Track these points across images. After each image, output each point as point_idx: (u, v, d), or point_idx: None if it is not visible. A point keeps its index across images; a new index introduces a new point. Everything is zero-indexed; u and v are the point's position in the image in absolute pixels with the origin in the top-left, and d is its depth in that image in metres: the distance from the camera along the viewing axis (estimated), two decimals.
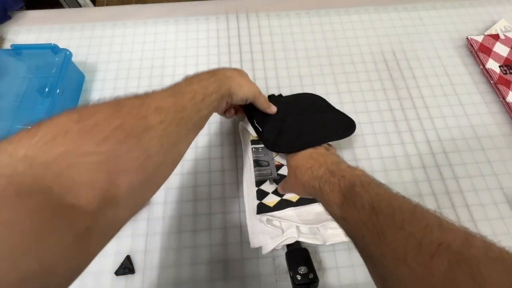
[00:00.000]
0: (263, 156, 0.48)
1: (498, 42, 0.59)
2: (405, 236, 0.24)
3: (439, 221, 0.24)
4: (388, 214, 0.26)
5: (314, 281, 0.38)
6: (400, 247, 0.24)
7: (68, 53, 0.53)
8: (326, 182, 0.34)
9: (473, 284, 0.19)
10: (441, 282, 0.21)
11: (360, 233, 0.28)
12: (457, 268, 0.20)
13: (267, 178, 0.46)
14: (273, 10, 0.67)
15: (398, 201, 0.28)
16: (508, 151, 0.51)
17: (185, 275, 0.43)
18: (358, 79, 0.58)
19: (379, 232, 0.26)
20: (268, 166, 0.47)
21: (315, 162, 0.38)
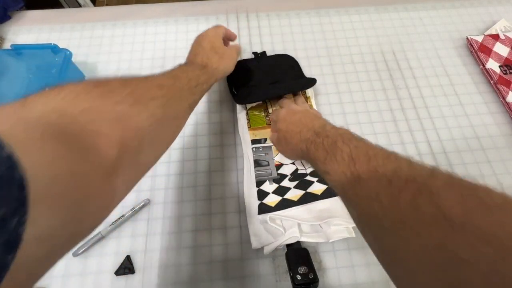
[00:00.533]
0: (264, 156, 0.48)
1: (498, 42, 0.59)
2: (377, 177, 0.26)
3: (409, 161, 0.27)
4: (364, 161, 0.29)
5: (314, 281, 0.38)
6: (373, 187, 0.26)
7: (68, 53, 0.53)
8: (312, 143, 0.37)
9: (431, 205, 0.21)
10: (406, 209, 0.23)
11: (340, 182, 0.30)
12: (419, 196, 0.23)
13: (267, 178, 0.46)
14: (273, 10, 0.67)
15: (375, 150, 0.30)
16: (508, 151, 0.51)
17: (185, 275, 0.43)
18: (358, 79, 0.58)
19: (355, 177, 0.28)
20: (268, 166, 0.47)
21: (303, 127, 0.41)
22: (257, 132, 0.50)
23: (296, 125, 0.42)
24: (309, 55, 0.61)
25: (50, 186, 0.17)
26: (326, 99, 0.56)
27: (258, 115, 0.52)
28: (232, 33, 0.54)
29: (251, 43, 0.63)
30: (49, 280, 0.42)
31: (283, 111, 0.46)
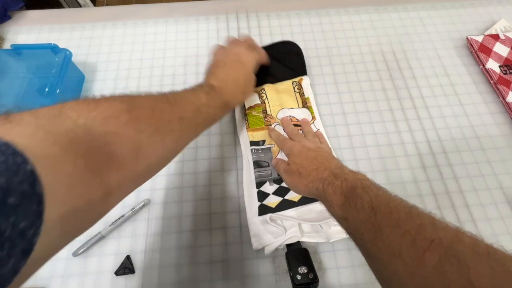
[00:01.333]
0: (263, 157, 0.48)
1: (498, 42, 0.59)
2: (400, 233, 0.26)
3: (432, 220, 0.26)
4: (386, 213, 0.28)
5: (314, 281, 0.38)
6: (395, 243, 0.26)
7: (68, 53, 0.53)
8: (329, 184, 0.36)
9: (460, 275, 0.21)
10: (432, 273, 0.22)
11: (359, 232, 0.30)
12: (446, 261, 0.22)
13: (267, 179, 0.46)
14: (273, 10, 0.67)
15: (396, 202, 0.29)
16: (508, 151, 0.51)
17: (185, 275, 0.43)
18: (358, 79, 0.58)
19: (376, 230, 0.27)
20: (268, 167, 0.47)
21: (320, 165, 0.39)
22: (256, 134, 0.50)
23: (312, 162, 0.40)
24: (309, 55, 0.61)
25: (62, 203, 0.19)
26: (326, 99, 0.56)
27: (257, 116, 0.52)
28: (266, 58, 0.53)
29: None
30: (49, 280, 0.42)
31: (298, 146, 0.44)
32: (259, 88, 0.53)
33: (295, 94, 0.54)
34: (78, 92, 0.57)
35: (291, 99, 0.53)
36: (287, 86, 0.55)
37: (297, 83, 0.55)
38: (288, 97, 0.53)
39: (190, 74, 0.59)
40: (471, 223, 0.46)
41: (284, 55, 0.57)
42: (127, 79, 0.59)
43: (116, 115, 0.27)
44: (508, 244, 0.44)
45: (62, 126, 0.22)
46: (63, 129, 0.22)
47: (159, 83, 0.58)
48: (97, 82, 0.59)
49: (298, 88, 0.55)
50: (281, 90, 0.54)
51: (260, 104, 0.52)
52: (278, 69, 0.55)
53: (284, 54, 0.57)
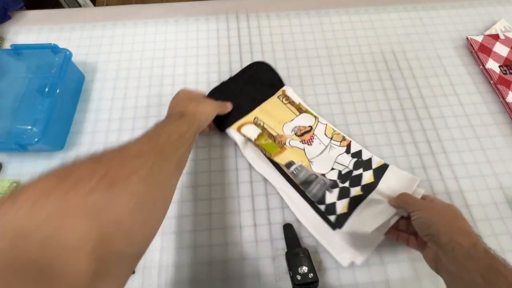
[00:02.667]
0: (306, 172, 0.46)
1: (498, 42, 0.59)
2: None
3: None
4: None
5: (314, 281, 0.38)
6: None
7: (68, 53, 0.53)
8: (499, 276, 0.30)
9: None
10: None
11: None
12: None
13: (324, 189, 0.45)
14: (273, 10, 0.67)
15: None
16: (508, 151, 0.51)
17: (185, 275, 0.43)
18: (358, 79, 0.59)
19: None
20: (318, 177, 0.46)
21: (469, 237, 0.35)
22: (282, 156, 0.47)
23: (461, 224, 0.37)
24: (309, 55, 0.61)
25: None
26: (326, 99, 0.56)
27: (268, 143, 0.49)
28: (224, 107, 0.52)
29: (251, 43, 0.63)
30: None
31: (445, 204, 0.39)
32: (252, 118, 0.51)
33: (286, 106, 0.53)
34: (78, 92, 0.57)
35: (285, 112, 0.53)
36: (274, 102, 0.54)
37: (282, 95, 0.55)
38: (282, 111, 0.53)
39: (190, 74, 0.59)
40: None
41: (257, 76, 0.56)
42: (127, 79, 0.59)
43: (46, 192, 0.20)
44: (508, 244, 0.44)
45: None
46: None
47: (159, 83, 0.58)
48: (97, 82, 0.59)
49: (285, 99, 0.54)
50: (271, 108, 0.53)
51: (262, 133, 0.50)
52: (257, 91, 0.54)
53: (257, 75, 0.56)
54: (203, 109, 0.44)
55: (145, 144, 0.32)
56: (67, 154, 0.51)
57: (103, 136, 0.53)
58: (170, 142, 0.34)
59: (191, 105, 0.44)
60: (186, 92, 0.49)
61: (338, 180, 0.47)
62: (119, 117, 0.55)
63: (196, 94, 0.50)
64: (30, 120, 0.48)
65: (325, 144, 0.50)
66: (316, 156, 0.49)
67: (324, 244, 0.43)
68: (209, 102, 0.48)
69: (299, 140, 0.50)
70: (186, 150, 0.37)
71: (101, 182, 0.22)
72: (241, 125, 0.50)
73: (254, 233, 0.45)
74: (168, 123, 0.38)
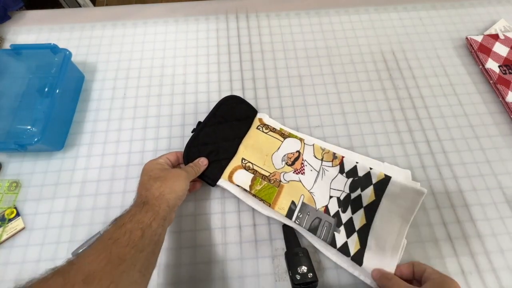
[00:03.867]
0: (309, 217, 0.44)
1: (497, 42, 0.59)
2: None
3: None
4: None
5: (314, 281, 0.38)
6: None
7: (67, 53, 0.53)
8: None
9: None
10: None
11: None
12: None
13: (333, 231, 0.43)
14: (273, 10, 0.67)
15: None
16: (507, 151, 0.51)
17: (185, 275, 0.43)
18: (358, 79, 0.59)
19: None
20: (321, 220, 0.44)
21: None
22: (280, 203, 0.45)
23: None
24: (309, 55, 0.61)
25: None
26: (326, 99, 0.56)
27: (263, 188, 0.46)
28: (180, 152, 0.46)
29: (251, 43, 0.63)
30: None
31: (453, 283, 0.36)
32: (240, 161, 0.48)
33: (268, 135, 0.51)
34: (78, 92, 0.57)
35: (269, 141, 0.50)
36: (255, 134, 0.51)
37: (261, 124, 0.52)
38: (266, 142, 0.50)
39: (190, 74, 0.59)
40: (470, 223, 0.46)
41: (229, 112, 0.51)
42: (127, 79, 0.59)
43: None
44: (508, 244, 0.44)
45: None
46: None
47: (159, 83, 0.58)
48: (96, 82, 0.59)
49: (265, 128, 0.51)
50: (254, 142, 0.50)
51: (254, 176, 0.47)
52: (234, 127, 0.50)
53: (229, 111, 0.51)
54: (170, 188, 0.38)
55: (99, 258, 0.28)
56: (67, 154, 0.51)
57: (103, 136, 0.53)
58: (131, 246, 0.30)
59: (154, 186, 0.37)
60: (150, 167, 0.41)
61: (340, 209, 0.45)
62: (119, 117, 0.55)
63: (158, 171, 0.40)
64: (29, 120, 0.48)
65: (317, 169, 0.48)
66: (312, 185, 0.47)
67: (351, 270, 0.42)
68: (177, 174, 0.40)
69: (292, 170, 0.48)
70: (154, 247, 0.33)
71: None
72: (231, 172, 0.47)
73: (254, 233, 0.45)
74: (128, 217, 0.33)
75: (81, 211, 0.47)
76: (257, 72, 0.59)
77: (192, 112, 0.55)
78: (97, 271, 0.26)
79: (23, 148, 0.46)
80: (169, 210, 0.37)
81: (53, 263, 0.43)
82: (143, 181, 0.39)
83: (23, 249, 0.44)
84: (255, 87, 0.58)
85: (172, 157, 0.45)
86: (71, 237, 0.45)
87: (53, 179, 0.49)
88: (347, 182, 0.46)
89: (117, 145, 0.52)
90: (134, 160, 0.51)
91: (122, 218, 0.34)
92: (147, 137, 0.53)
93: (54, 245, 0.44)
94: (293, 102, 0.56)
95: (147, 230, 0.33)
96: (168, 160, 0.44)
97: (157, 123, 0.54)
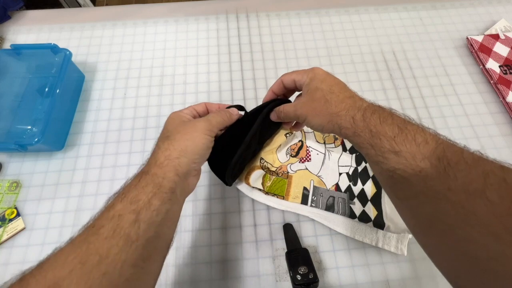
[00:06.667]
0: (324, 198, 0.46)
1: (498, 42, 0.59)
2: (481, 173, 0.22)
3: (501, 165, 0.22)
4: (456, 151, 0.24)
5: (314, 281, 0.38)
6: (475, 182, 0.22)
7: (68, 53, 0.53)
8: (374, 113, 0.30)
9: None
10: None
11: (416, 168, 0.25)
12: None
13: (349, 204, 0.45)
14: (273, 10, 0.67)
15: (454, 143, 0.26)
16: (508, 151, 0.51)
17: (185, 275, 0.43)
18: (358, 79, 0.58)
19: (446, 166, 0.24)
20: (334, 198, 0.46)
21: (354, 94, 0.33)
22: (294, 191, 0.46)
23: (345, 88, 0.33)
24: (309, 55, 0.61)
25: None
26: None
27: (274, 183, 0.46)
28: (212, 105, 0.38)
29: (251, 43, 0.63)
30: None
31: (321, 70, 0.35)
32: (259, 161, 0.46)
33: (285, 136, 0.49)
34: (78, 92, 0.57)
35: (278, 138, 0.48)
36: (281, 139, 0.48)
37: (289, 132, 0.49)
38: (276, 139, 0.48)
39: (190, 74, 0.59)
40: None
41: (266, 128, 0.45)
42: (127, 79, 0.59)
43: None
44: None
45: None
46: None
47: (159, 83, 0.58)
48: (97, 82, 0.59)
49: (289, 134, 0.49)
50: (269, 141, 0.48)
51: (265, 174, 0.46)
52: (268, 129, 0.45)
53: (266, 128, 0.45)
54: (180, 149, 0.30)
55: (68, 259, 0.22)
56: (67, 154, 0.51)
57: (103, 136, 0.53)
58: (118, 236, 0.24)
59: (161, 148, 0.30)
60: (169, 120, 0.34)
61: (351, 183, 0.47)
62: (119, 117, 0.55)
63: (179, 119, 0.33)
64: (30, 120, 0.48)
65: (322, 151, 0.49)
66: (320, 168, 0.48)
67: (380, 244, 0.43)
68: (192, 127, 0.32)
69: (298, 160, 0.48)
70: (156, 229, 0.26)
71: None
72: (248, 173, 0.45)
73: (254, 233, 0.45)
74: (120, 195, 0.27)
75: (81, 211, 0.47)
76: (258, 72, 0.59)
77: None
78: (63, 278, 0.21)
79: (23, 148, 0.45)
80: (179, 179, 0.29)
81: None
82: (157, 141, 0.32)
83: (23, 249, 0.44)
84: (256, 87, 0.58)
85: (200, 108, 0.37)
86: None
87: (53, 179, 0.49)
88: (352, 157, 0.49)
89: (118, 145, 0.52)
90: (134, 160, 0.51)
91: (115, 196, 0.27)
92: (148, 137, 0.53)
93: (54, 245, 0.44)
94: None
95: (143, 211, 0.26)
96: (195, 111, 0.36)
97: (158, 123, 0.54)
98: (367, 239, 0.43)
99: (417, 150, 0.26)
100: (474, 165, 0.23)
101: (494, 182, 0.21)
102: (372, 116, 0.29)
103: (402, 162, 0.26)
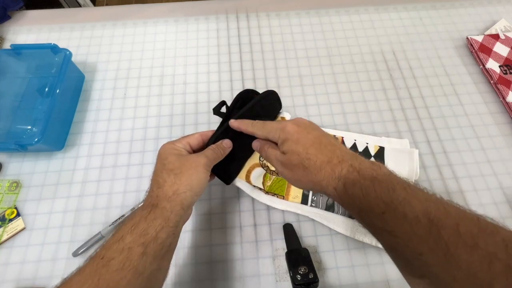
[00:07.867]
0: (322, 198, 0.46)
1: (498, 42, 0.59)
2: (483, 257, 0.20)
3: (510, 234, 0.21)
4: (452, 226, 0.22)
5: (314, 281, 0.38)
6: (480, 270, 0.20)
7: (68, 53, 0.53)
8: (355, 185, 0.27)
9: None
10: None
11: (415, 251, 0.23)
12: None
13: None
14: (273, 10, 0.67)
15: (453, 208, 0.23)
16: (508, 151, 0.51)
17: (185, 275, 0.43)
18: (358, 79, 0.58)
19: (445, 251, 0.21)
20: None
21: (331, 154, 0.30)
22: (292, 193, 0.46)
23: (320, 149, 0.31)
24: (309, 55, 0.61)
25: None
26: (326, 99, 0.56)
27: (274, 181, 0.46)
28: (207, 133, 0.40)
29: (251, 43, 0.63)
30: (49, 280, 0.42)
31: (291, 126, 0.33)
32: (259, 160, 0.47)
33: None
34: (78, 92, 0.57)
35: None
36: None
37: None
38: None
39: (190, 74, 0.59)
40: None
41: (265, 108, 0.47)
42: (127, 79, 0.59)
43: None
44: None
45: None
46: None
47: (159, 83, 0.58)
48: (97, 82, 0.59)
49: None
50: None
51: (265, 173, 0.46)
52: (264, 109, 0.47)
53: (265, 107, 0.47)
54: (186, 184, 0.32)
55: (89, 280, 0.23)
56: (67, 154, 0.51)
57: (103, 136, 0.53)
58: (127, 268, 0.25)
59: (168, 182, 0.32)
60: (165, 153, 0.35)
61: None
62: (119, 117, 0.55)
63: (177, 153, 0.35)
64: (30, 120, 0.48)
65: None
66: None
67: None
68: (195, 162, 0.34)
69: None
70: (160, 262, 0.28)
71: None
72: (248, 171, 0.46)
73: (254, 233, 0.45)
74: (130, 226, 0.28)
75: (81, 211, 0.47)
76: (258, 72, 0.59)
77: (193, 112, 0.55)
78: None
79: (23, 148, 0.46)
80: (183, 211, 0.32)
81: (53, 263, 0.43)
82: (157, 171, 0.34)
83: (23, 249, 0.44)
84: (256, 87, 0.58)
85: (194, 142, 0.38)
86: (71, 237, 0.45)
87: (53, 179, 0.49)
88: None
89: (118, 145, 0.52)
90: (134, 160, 0.51)
91: (123, 226, 0.29)
92: (148, 137, 0.53)
93: (54, 245, 0.44)
94: (293, 102, 0.56)
95: (151, 244, 0.27)
96: (189, 146, 0.37)
97: (158, 123, 0.54)
98: (367, 239, 0.43)
99: (411, 230, 0.23)
100: (474, 245, 0.21)
101: (500, 270, 0.19)
102: (353, 188, 0.27)
103: (399, 243, 0.24)
